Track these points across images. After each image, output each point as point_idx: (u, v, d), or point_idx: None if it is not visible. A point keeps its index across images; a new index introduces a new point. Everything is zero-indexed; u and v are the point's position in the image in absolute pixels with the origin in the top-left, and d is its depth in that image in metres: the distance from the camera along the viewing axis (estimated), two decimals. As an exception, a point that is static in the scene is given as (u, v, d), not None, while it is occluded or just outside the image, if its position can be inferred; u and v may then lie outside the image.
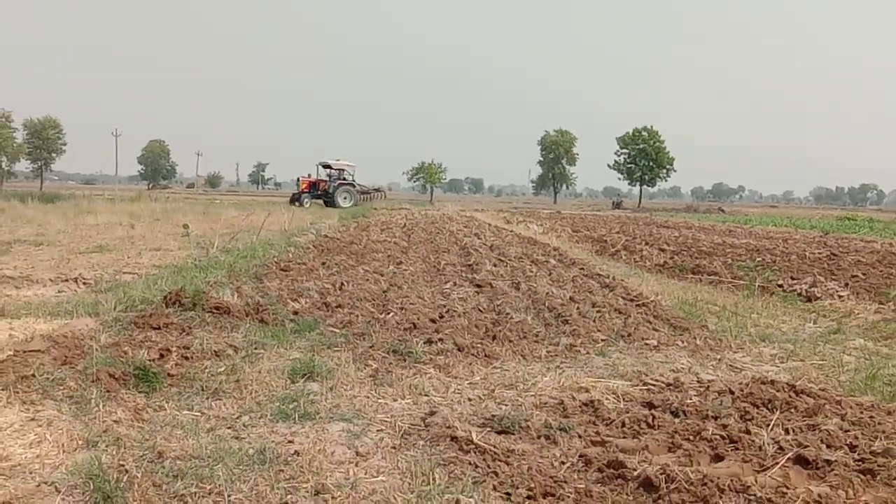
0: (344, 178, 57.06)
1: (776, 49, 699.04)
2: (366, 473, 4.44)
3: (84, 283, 11.04)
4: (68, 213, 28.43)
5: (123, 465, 4.26)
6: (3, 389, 5.38)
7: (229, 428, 5.13)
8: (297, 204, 50.90)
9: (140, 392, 5.71)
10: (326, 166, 57.86)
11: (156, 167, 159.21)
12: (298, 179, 57.26)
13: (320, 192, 55.14)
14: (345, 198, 54.44)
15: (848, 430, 5.11)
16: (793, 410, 5.61)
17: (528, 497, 4.13)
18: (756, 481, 4.17)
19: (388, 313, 9.26)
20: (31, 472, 4.18)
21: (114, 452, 4.49)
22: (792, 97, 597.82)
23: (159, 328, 7.51)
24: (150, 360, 6.26)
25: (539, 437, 5.03)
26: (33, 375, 5.62)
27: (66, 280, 11.26)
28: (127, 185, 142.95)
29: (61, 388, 5.52)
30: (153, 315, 7.91)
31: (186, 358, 6.64)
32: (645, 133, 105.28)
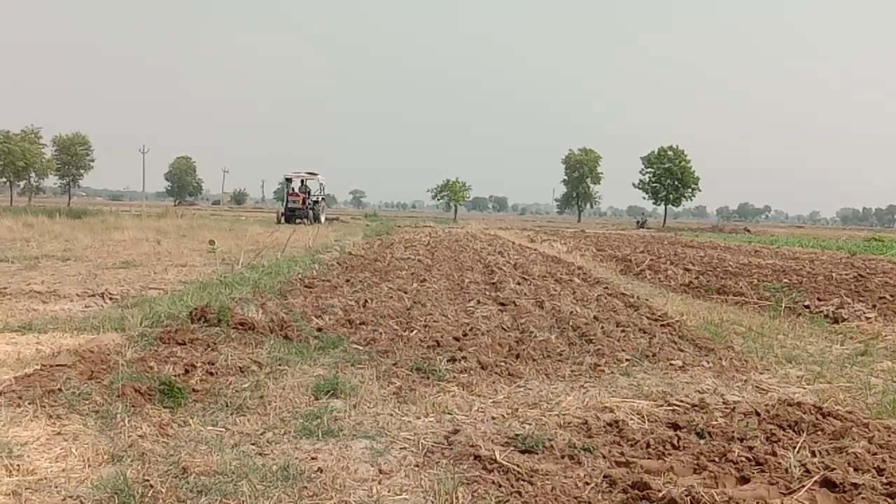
0: (315, 192, 52.50)
1: (801, 71, 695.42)
2: (389, 491, 4.43)
3: (111, 299, 11.13)
4: (95, 229, 28.68)
5: (148, 480, 4.28)
6: (29, 403, 5.42)
7: (253, 444, 5.14)
8: (298, 221, 46.01)
9: (165, 407, 5.74)
10: (291, 179, 52.17)
11: (182, 183, 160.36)
12: (286, 195, 51.32)
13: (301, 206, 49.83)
14: (320, 212, 50.17)
15: (875, 454, 5.05)
16: (819, 433, 5.55)
17: (552, 517, 4.11)
18: (783, 504, 4.13)
19: (412, 331, 9.26)
20: (56, 486, 4.21)
21: (139, 467, 4.51)
22: (819, 117, 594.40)
23: (185, 344, 7.55)
24: (175, 376, 6.29)
25: (563, 457, 5.01)
26: (60, 390, 5.66)
27: (93, 295, 11.35)
28: (154, 202, 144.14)
29: (87, 402, 5.55)
30: (179, 331, 7.95)
31: (211, 374, 6.67)
32: (670, 152, 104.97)
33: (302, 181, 51.81)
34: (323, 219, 49.97)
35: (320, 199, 52.29)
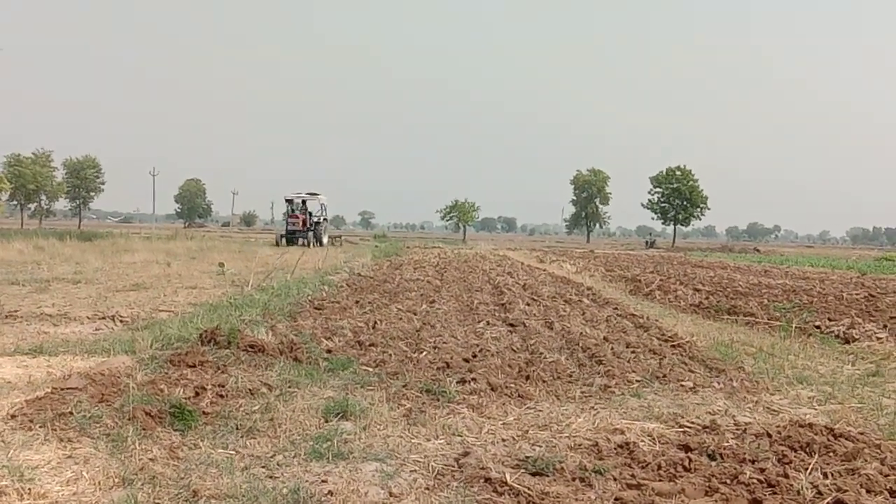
0: (317, 213, 50.53)
1: (808, 87, 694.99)
2: (399, 514, 4.42)
3: (121, 321, 11.17)
4: (106, 252, 28.79)
5: (159, 504, 4.29)
6: (41, 427, 5.44)
7: (263, 467, 5.14)
8: (300, 243, 45.21)
9: (175, 430, 5.75)
10: (291, 201, 50.07)
11: (192, 206, 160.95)
12: (288, 217, 49.40)
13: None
14: (322, 233, 48.16)
15: (888, 475, 5.02)
16: (831, 454, 5.52)
17: (563, 540, 4.09)
18: (795, 527, 4.11)
19: (422, 352, 9.26)
20: (67, 510, 4.22)
21: (149, 491, 4.52)
22: (827, 135, 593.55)
23: (195, 366, 7.57)
24: (185, 398, 6.30)
25: (574, 480, 4.99)
26: (71, 413, 5.69)
27: (104, 318, 11.39)
28: (164, 224, 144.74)
29: (98, 425, 5.57)
30: (189, 353, 7.97)
31: (221, 396, 6.68)
32: (678, 172, 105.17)
33: (303, 202, 50.18)
34: (325, 240, 48.48)
35: (322, 219, 50.71)
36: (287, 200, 50.85)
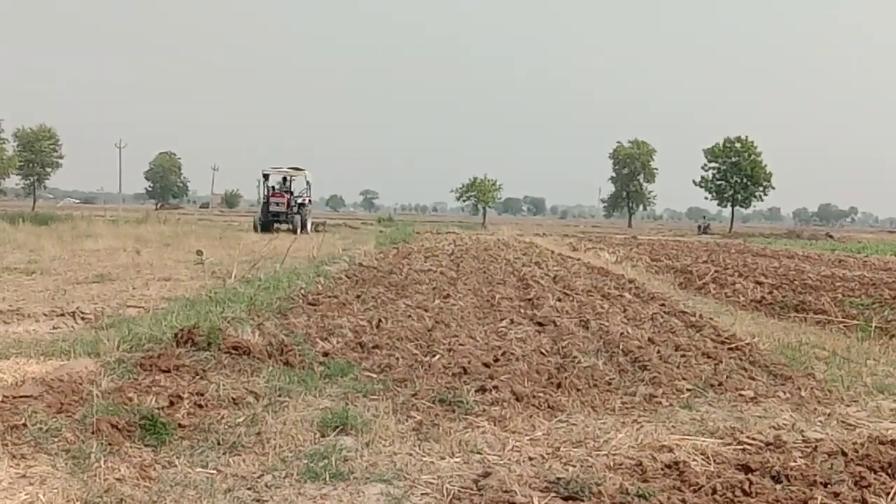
0: (301, 192, 48.90)
1: (882, 49, 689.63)
2: (408, 545, 4.44)
3: (83, 318, 11.21)
4: (65, 237, 28.92)
5: (127, 531, 4.31)
6: (-10, 441, 5.47)
7: (249, 489, 5.17)
8: (285, 228, 43.84)
9: (147, 446, 5.78)
10: (268, 176, 48.20)
11: (165, 184, 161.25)
12: (269, 196, 47.05)
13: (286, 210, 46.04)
14: (307, 216, 46.60)
15: None
16: (918, 476, 5.50)
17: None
18: (875, 561, 4.10)
19: (434, 356, 9.27)
20: (21, 538, 4.24)
21: (116, 516, 4.54)
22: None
23: (169, 371, 7.60)
24: (158, 409, 6.33)
25: (613, 505, 5.00)
26: (24, 425, 5.70)
27: (63, 314, 11.44)
28: (132, 205, 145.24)
29: (56, 440, 5.59)
30: (162, 356, 8.00)
31: (200, 406, 6.71)
32: (738, 144, 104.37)
33: (284, 179, 48.65)
34: (310, 225, 46.48)
35: (307, 200, 48.84)
36: (265, 176, 48.62)
